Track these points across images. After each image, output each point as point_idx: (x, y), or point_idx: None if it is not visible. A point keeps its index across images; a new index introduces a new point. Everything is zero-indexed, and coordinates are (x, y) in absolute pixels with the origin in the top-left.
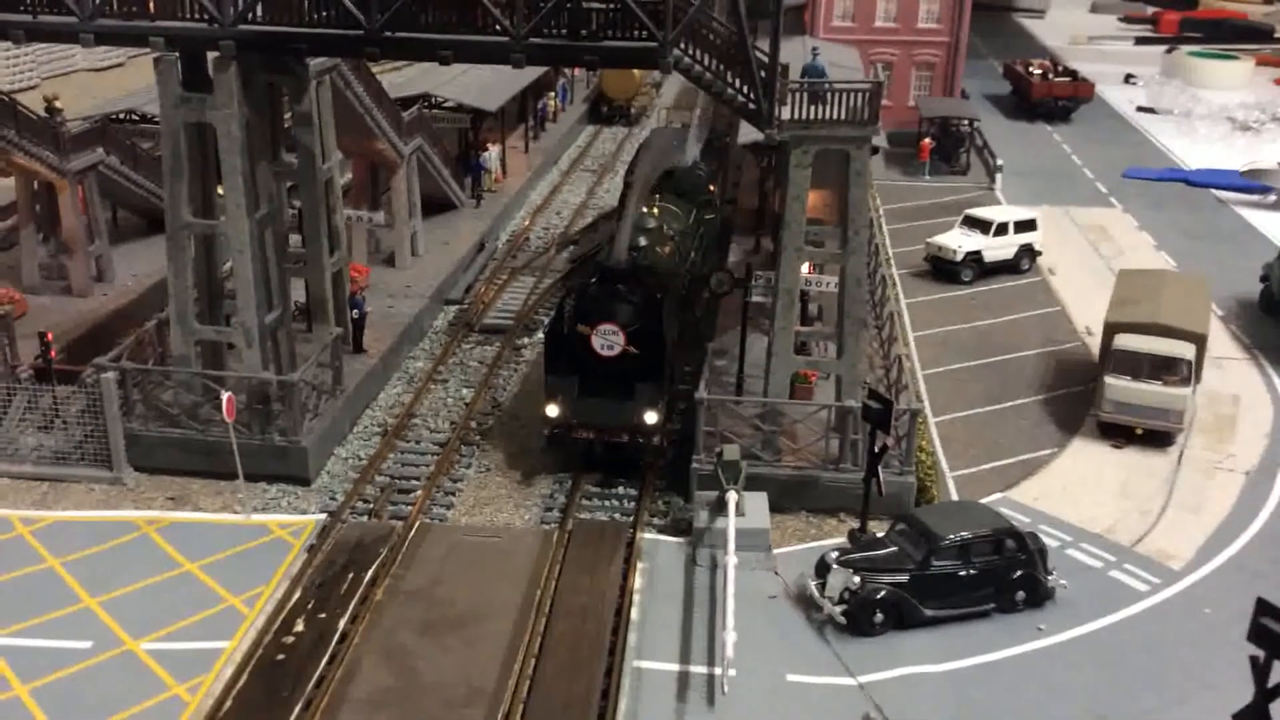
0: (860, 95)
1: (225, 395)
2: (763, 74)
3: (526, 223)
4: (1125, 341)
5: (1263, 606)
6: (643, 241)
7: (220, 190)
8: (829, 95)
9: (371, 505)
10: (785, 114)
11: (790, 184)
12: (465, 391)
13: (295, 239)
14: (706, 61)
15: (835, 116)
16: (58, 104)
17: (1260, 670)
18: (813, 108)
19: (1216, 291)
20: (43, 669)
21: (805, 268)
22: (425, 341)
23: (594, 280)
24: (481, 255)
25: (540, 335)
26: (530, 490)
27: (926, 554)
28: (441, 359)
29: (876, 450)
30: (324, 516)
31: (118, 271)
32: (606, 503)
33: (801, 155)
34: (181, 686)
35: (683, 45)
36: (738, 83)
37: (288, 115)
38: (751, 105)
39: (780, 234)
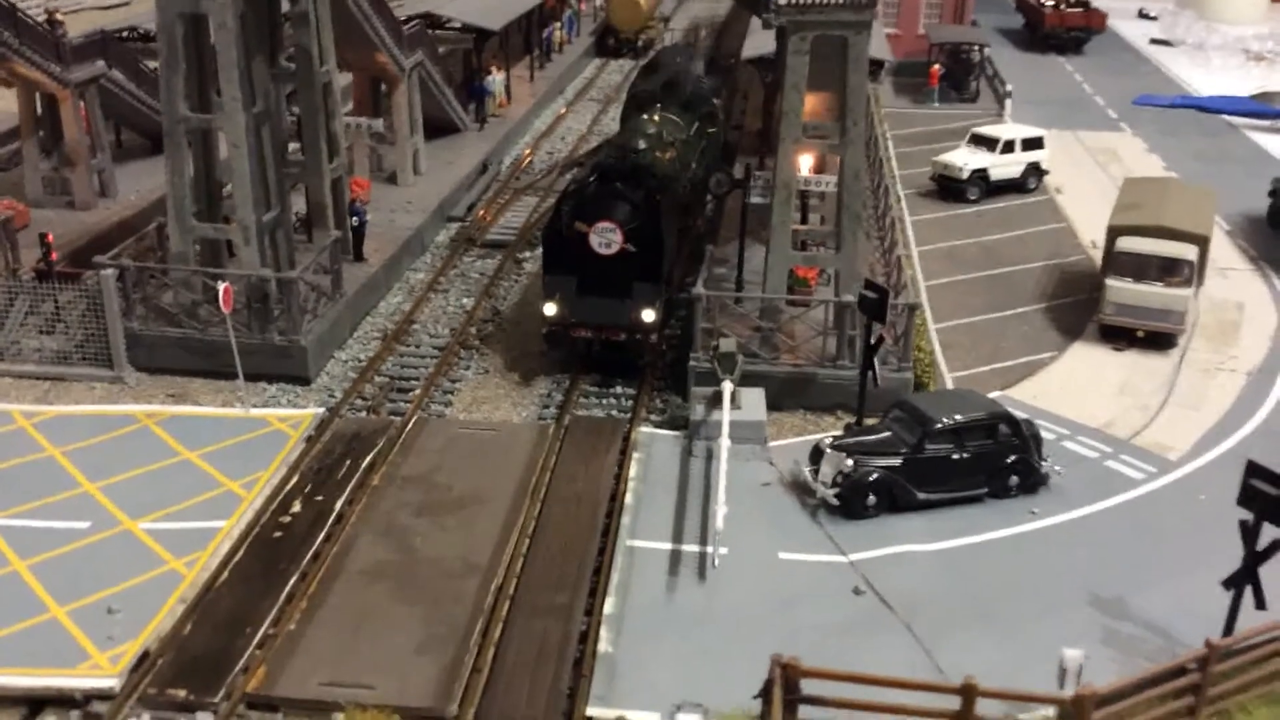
0: None
1: (222, 285)
2: None
3: (529, 149)
4: (1128, 244)
5: (1252, 468)
6: (642, 145)
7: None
8: None
9: (370, 402)
10: None
11: (788, 71)
12: (466, 300)
13: (295, 148)
14: None
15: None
16: (59, 16)
17: (1249, 532)
18: None
19: (1225, 209)
20: (41, 546)
21: (806, 168)
22: (426, 255)
23: (592, 179)
24: (485, 176)
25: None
26: (528, 390)
27: (920, 438)
28: (443, 270)
29: (873, 342)
30: (323, 410)
31: (121, 188)
32: (604, 401)
33: (799, 41)
34: (179, 561)
35: None
36: None
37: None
38: None
39: (778, 126)
